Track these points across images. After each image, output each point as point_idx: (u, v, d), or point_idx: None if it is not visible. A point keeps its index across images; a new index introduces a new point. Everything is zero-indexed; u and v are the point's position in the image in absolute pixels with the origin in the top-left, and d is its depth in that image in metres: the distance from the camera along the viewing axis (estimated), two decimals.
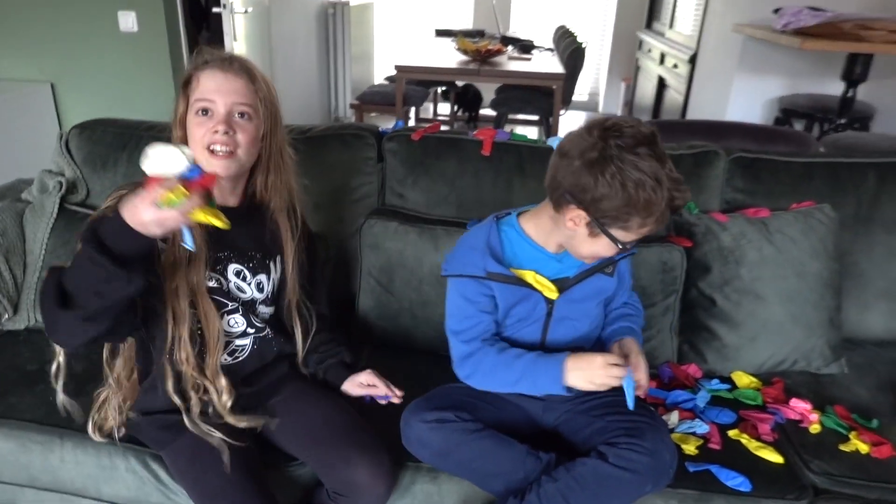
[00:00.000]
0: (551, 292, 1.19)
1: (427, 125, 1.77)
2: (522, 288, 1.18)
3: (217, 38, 4.23)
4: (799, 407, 1.39)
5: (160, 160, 0.92)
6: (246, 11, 3.21)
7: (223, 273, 1.21)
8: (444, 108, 6.02)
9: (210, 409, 1.19)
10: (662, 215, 1.05)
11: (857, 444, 1.29)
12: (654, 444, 1.07)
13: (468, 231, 1.31)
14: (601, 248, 1.12)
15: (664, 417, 1.34)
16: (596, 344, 1.30)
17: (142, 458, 1.27)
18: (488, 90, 5.13)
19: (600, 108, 6.67)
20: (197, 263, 1.14)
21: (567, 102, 4.37)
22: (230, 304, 1.22)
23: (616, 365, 1.10)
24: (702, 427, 1.31)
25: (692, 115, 3.81)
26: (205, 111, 1.13)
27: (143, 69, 2.95)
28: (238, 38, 3.03)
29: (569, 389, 1.14)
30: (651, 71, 4.97)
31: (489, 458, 1.15)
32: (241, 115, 1.14)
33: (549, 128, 4.70)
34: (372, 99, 4.41)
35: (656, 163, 1.03)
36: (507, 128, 4.95)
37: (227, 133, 1.11)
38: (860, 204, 1.63)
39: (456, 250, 1.27)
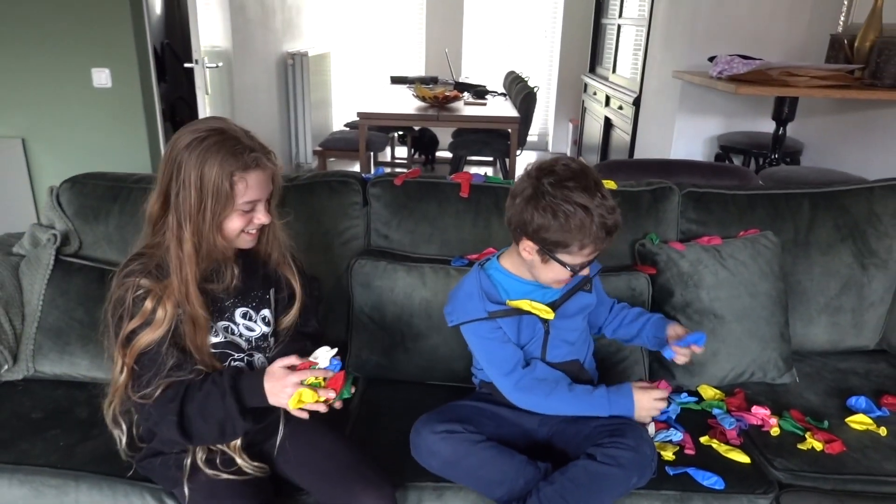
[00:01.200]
0: (547, 314, 1.34)
1: (406, 171, 1.91)
2: (522, 316, 1.33)
3: (173, 90, 4.32)
4: (760, 413, 1.55)
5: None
6: (217, 66, 3.32)
7: (231, 318, 1.29)
8: (401, 152, 6.20)
9: (217, 458, 1.25)
10: (597, 237, 1.23)
11: (813, 443, 1.45)
12: (635, 440, 1.21)
13: (460, 283, 1.44)
14: (556, 272, 1.29)
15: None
16: (587, 356, 1.46)
17: (157, 496, 1.32)
18: (444, 133, 5.34)
19: (550, 147, 6.98)
20: (202, 330, 1.22)
21: (522, 143, 4.60)
22: (236, 354, 1.29)
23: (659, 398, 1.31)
24: (677, 435, 1.45)
25: (639, 152, 4.08)
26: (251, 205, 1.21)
27: (117, 123, 3.00)
28: (209, 91, 3.13)
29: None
30: (597, 112, 5.27)
31: (493, 466, 1.26)
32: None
33: (505, 168, 4.92)
34: (335, 145, 4.54)
35: (584, 193, 1.21)
36: (465, 169, 5.15)
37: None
38: (798, 230, 1.83)
39: (454, 302, 1.40)
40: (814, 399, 1.65)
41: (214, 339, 1.27)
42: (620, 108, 4.55)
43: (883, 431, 1.50)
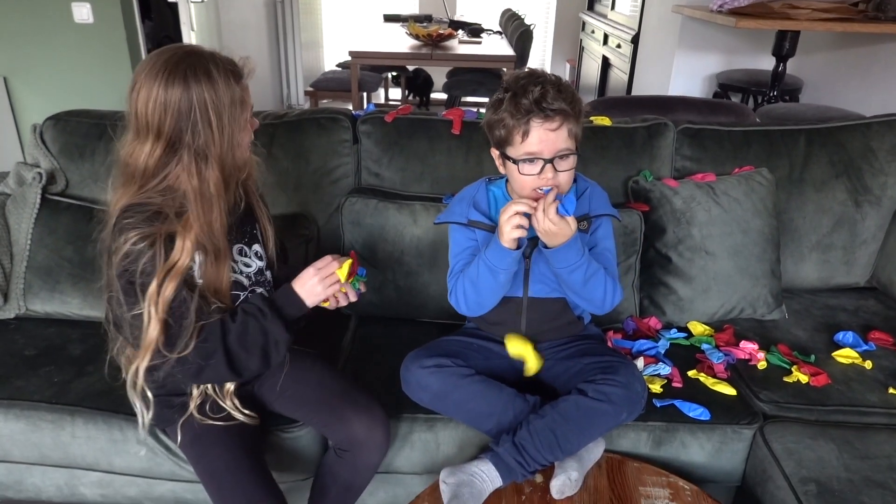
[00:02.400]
0: (534, 362, 1.34)
1: (398, 107, 1.87)
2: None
3: (159, 28, 4.20)
4: (747, 347, 1.57)
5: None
6: (202, 0, 3.21)
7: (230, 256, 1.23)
8: (395, 94, 6.09)
9: (208, 405, 1.24)
10: (528, 111, 1.17)
11: (799, 376, 1.47)
12: (626, 377, 1.22)
13: (465, 188, 1.44)
14: (517, 176, 1.25)
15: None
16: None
17: (153, 430, 1.34)
18: (438, 73, 5.23)
19: None
20: (223, 264, 1.17)
21: None
22: (241, 293, 1.26)
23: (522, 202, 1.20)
24: (665, 369, 1.47)
25: (637, 92, 4.01)
26: None
27: (100, 61, 2.92)
28: (195, 28, 3.03)
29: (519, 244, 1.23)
30: (595, 51, 5.15)
31: (482, 399, 1.28)
32: None
33: None
34: (327, 86, 4.45)
35: (516, 79, 1.21)
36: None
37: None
38: (792, 167, 1.81)
39: (450, 205, 1.42)
40: (802, 335, 1.67)
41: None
42: (618, 46, 4.45)
43: (868, 364, 1.53)
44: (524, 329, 1.39)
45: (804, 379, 1.47)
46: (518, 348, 1.34)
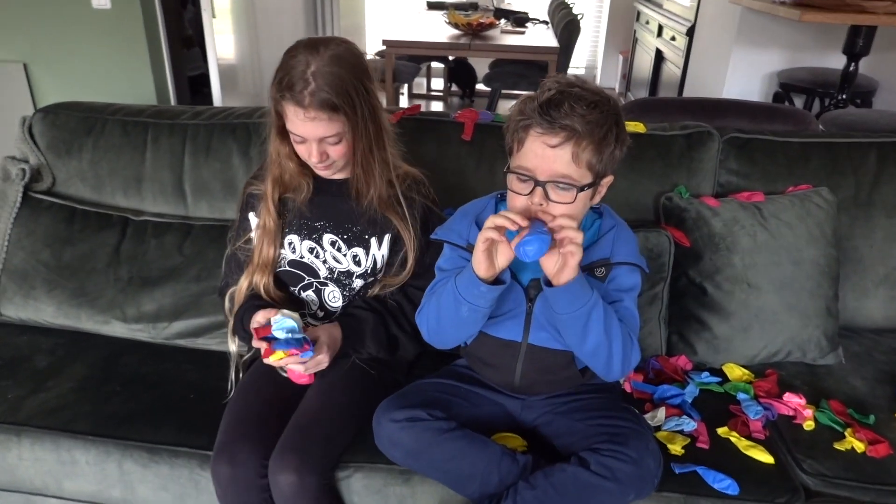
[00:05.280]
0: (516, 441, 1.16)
1: (412, 105, 1.69)
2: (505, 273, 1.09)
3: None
4: (792, 402, 1.33)
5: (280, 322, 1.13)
6: None
7: (319, 241, 1.30)
8: (438, 84, 5.90)
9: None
10: (528, 115, 1.00)
11: (853, 442, 1.23)
12: (638, 452, 1.01)
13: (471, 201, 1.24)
14: (510, 196, 1.05)
15: (650, 414, 1.29)
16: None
17: (101, 447, 1.25)
18: (481, 64, 5.01)
19: (597, 81, 6.54)
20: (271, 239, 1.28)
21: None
22: (308, 278, 1.31)
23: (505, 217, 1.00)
24: (689, 424, 1.26)
25: (690, 88, 3.71)
26: (301, 139, 1.19)
27: (118, 47, 2.84)
28: (217, 14, 2.92)
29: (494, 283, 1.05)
30: (649, 43, 4.84)
31: (463, 459, 1.09)
32: (330, 141, 1.19)
33: None
34: None
35: (549, 80, 1.03)
36: (502, 104, 4.85)
37: (322, 160, 1.20)
38: (859, 186, 1.55)
39: (452, 217, 1.23)
40: (860, 386, 1.42)
41: (291, 255, 1.31)
42: (673, 38, 4.14)
43: None
44: (518, 379, 1.19)
45: (860, 447, 1.22)
46: None
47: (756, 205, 1.47)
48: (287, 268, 1.32)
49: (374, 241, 1.30)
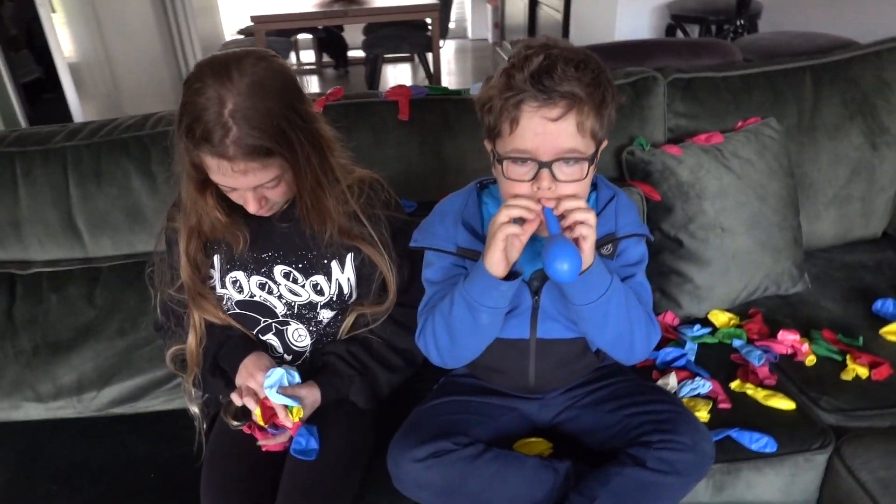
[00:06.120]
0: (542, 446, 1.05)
1: (324, 94, 1.48)
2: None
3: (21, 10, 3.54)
4: (788, 339, 1.32)
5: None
6: None
7: (269, 275, 1.10)
8: (308, 56, 5.56)
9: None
10: (518, 90, 0.85)
11: (856, 369, 1.23)
12: (691, 437, 0.93)
13: (446, 197, 1.08)
14: (502, 180, 0.92)
15: (661, 382, 1.22)
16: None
17: None
18: (353, 32, 4.76)
19: (469, 34, 6.44)
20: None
21: (444, 34, 4.11)
22: (263, 319, 1.11)
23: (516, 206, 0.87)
24: (705, 385, 1.20)
25: (576, 33, 3.68)
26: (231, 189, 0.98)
27: None
28: (56, 9, 2.48)
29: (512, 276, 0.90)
30: None
31: (502, 483, 0.97)
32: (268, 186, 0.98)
33: (427, 65, 4.44)
34: None
35: (523, 47, 0.89)
36: (383, 69, 4.63)
37: (261, 206, 1.00)
38: (801, 112, 1.55)
39: (428, 218, 1.06)
40: (834, 308, 1.44)
41: (239, 296, 1.10)
42: None
43: None
44: (533, 379, 1.07)
45: (864, 373, 1.23)
46: None
47: (717, 146, 1.43)
48: (237, 310, 1.11)
49: (335, 265, 1.10)
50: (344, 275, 1.11)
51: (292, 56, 5.37)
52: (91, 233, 1.37)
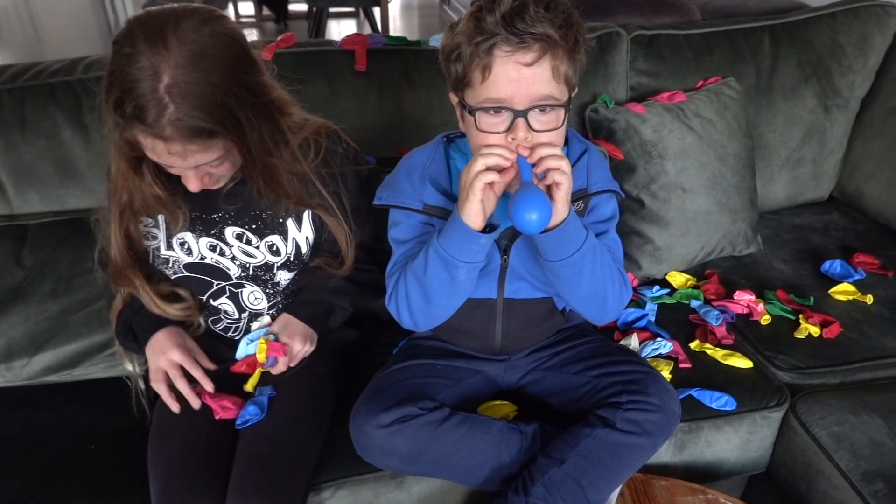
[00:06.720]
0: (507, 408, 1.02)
1: (273, 40, 1.38)
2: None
3: None
4: (744, 299, 1.34)
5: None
6: None
7: (220, 237, 1.02)
8: (247, 9, 5.30)
9: None
10: (490, 33, 0.80)
11: (809, 328, 1.26)
12: (660, 397, 0.92)
13: (410, 152, 1.03)
14: (474, 132, 0.87)
15: (623, 342, 1.22)
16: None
17: None
18: None
19: None
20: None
21: None
22: (216, 282, 1.04)
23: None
24: (666, 346, 1.21)
25: None
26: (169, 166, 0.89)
27: None
28: None
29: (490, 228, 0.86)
30: None
31: (468, 447, 0.95)
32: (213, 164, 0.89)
33: (373, 20, 4.29)
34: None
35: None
36: (328, 24, 4.46)
37: (203, 185, 0.92)
38: (759, 73, 1.55)
39: (393, 174, 1.01)
40: (786, 269, 1.47)
41: (188, 258, 1.02)
42: None
43: (869, 299, 1.34)
44: (499, 340, 1.05)
45: (815, 331, 1.26)
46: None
47: (678, 105, 1.41)
48: (186, 273, 1.04)
49: (291, 223, 1.04)
50: (301, 233, 1.04)
51: (230, 8, 5.11)
52: (16, 186, 1.25)
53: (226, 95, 0.81)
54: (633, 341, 1.22)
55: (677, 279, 1.42)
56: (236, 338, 1.08)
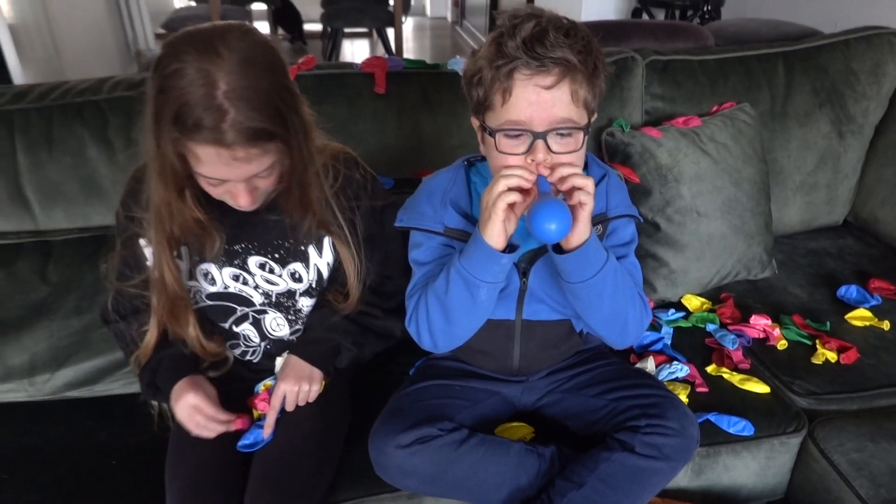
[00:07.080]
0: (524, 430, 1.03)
1: (297, 60, 1.41)
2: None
3: None
4: (760, 323, 1.34)
5: None
6: None
7: (243, 266, 1.03)
8: (262, 29, 5.37)
9: None
10: (510, 57, 0.83)
11: (826, 354, 1.26)
12: (679, 421, 0.93)
13: (431, 174, 1.04)
14: (494, 154, 0.89)
15: (640, 365, 1.22)
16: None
17: None
18: (306, 5, 4.62)
19: (428, 12, 6.36)
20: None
21: (407, 9, 4.02)
22: (240, 308, 1.06)
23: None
24: (683, 370, 1.21)
25: None
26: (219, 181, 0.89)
27: None
28: None
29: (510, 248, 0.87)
30: None
31: (486, 469, 0.95)
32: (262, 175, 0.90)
33: (386, 41, 4.35)
34: (182, 25, 3.73)
35: (510, 17, 0.87)
36: (343, 44, 4.51)
37: (253, 200, 0.92)
38: (774, 98, 1.56)
39: (414, 197, 1.03)
40: (801, 294, 1.47)
41: (212, 288, 1.04)
42: None
43: (886, 325, 1.34)
44: (517, 361, 1.06)
45: (832, 357, 1.26)
46: None
47: (694, 130, 1.43)
48: (208, 302, 1.05)
49: (312, 250, 1.05)
50: (322, 259, 1.06)
51: None
52: (42, 203, 1.27)
53: (275, 97, 0.84)
54: (650, 364, 1.22)
55: (693, 302, 1.43)
56: (254, 361, 1.10)
